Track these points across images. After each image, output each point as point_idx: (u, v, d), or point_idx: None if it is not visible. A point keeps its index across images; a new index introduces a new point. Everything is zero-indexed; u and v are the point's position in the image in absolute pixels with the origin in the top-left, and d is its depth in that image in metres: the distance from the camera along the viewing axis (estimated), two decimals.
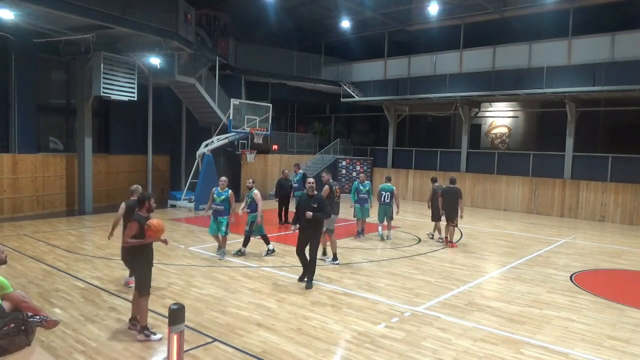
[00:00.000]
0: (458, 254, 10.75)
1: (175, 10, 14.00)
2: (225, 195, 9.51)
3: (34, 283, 7.59)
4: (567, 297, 7.74)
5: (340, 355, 5.40)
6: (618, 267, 10.29)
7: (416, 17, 21.54)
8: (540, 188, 18.82)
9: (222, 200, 9.49)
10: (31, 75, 14.36)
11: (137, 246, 5.61)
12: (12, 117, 13.94)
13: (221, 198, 9.51)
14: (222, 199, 9.49)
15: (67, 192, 15.47)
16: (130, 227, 5.60)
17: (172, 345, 3.75)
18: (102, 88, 13.81)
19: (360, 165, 23.66)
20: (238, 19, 21.64)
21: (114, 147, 17.52)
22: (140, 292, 5.63)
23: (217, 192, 9.60)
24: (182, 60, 16.92)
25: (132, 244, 5.61)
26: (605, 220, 17.26)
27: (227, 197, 9.50)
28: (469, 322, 6.45)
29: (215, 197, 9.59)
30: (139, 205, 5.83)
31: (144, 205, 5.76)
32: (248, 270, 8.79)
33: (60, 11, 11.27)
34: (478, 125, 23.59)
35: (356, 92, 23.19)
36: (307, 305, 6.92)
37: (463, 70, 20.56)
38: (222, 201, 9.48)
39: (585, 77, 17.08)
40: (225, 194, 9.51)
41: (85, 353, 5.14)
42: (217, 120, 18.01)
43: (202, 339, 5.61)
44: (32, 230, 12.02)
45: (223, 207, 9.49)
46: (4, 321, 4.09)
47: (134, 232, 5.56)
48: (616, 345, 5.84)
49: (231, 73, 20.49)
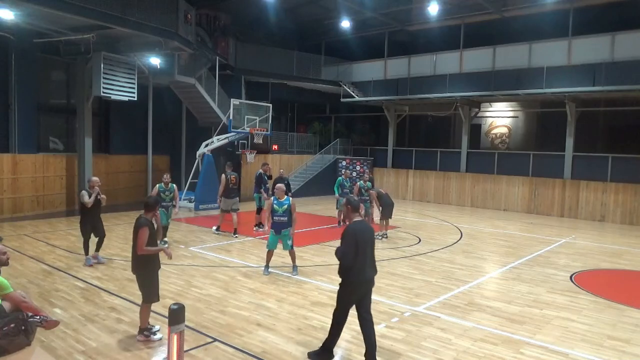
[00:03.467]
0: (458, 254, 10.75)
1: (175, 10, 14.01)
2: (287, 203, 8.54)
3: (34, 283, 7.59)
4: (567, 297, 7.74)
5: (340, 355, 5.40)
6: (618, 267, 10.29)
7: (416, 17, 21.54)
8: (540, 188, 18.82)
9: (284, 210, 8.49)
10: (31, 75, 14.36)
11: (138, 257, 5.42)
12: (12, 117, 13.95)
13: (283, 208, 8.51)
14: (285, 209, 8.50)
15: (67, 192, 15.47)
16: (142, 233, 5.31)
17: (172, 345, 3.75)
18: (102, 88, 13.81)
19: (361, 165, 23.68)
20: (238, 19, 21.63)
21: (114, 147, 17.52)
22: (149, 299, 5.52)
23: (276, 202, 8.58)
24: (182, 60, 16.94)
25: (150, 252, 5.40)
26: (605, 220, 17.26)
27: (290, 207, 8.53)
28: (469, 322, 6.45)
29: (277, 208, 8.52)
30: (147, 209, 5.55)
31: (153, 210, 5.58)
32: (248, 270, 8.79)
33: (60, 11, 11.27)
34: (478, 125, 23.59)
35: (356, 92, 23.19)
36: (307, 305, 6.92)
37: (463, 70, 20.56)
38: (284, 211, 8.49)
39: (585, 77, 17.08)
40: (286, 203, 8.53)
41: (85, 353, 5.14)
42: (217, 120, 18.02)
43: (202, 339, 5.61)
44: (32, 230, 12.02)
45: (286, 219, 8.49)
46: (4, 321, 4.09)
47: (147, 238, 5.34)
48: (616, 345, 5.84)
49: (231, 73, 20.49)
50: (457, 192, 21.02)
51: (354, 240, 4.90)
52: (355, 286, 5.04)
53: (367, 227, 5.20)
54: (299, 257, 9.94)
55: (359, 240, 4.92)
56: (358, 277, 4.97)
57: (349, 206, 5.22)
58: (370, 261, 5.07)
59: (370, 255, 5.08)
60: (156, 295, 5.63)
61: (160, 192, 10.25)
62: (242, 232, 12.24)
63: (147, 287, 5.57)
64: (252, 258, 9.77)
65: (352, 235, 4.94)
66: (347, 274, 4.97)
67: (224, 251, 10.37)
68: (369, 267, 5.05)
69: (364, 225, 5.15)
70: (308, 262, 9.62)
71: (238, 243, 11.24)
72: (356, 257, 4.89)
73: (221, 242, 11.28)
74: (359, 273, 4.95)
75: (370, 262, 5.07)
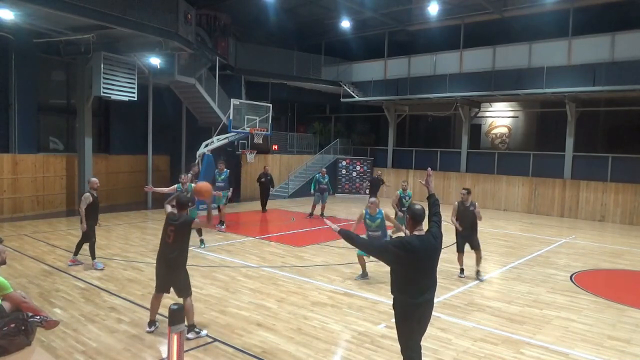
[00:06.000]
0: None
1: (175, 10, 14.00)
2: (379, 218, 7.90)
3: (34, 283, 7.59)
4: (567, 297, 7.74)
5: (340, 355, 5.40)
6: (618, 267, 10.29)
7: (416, 17, 21.53)
8: (540, 188, 18.82)
9: (377, 225, 7.89)
10: (31, 76, 14.36)
11: (185, 254, 5.63)
12: (12, 117, 13.94)
13: (376, 223, 7.91)
14: (377, 224, 7.90)
15: (67, 192, 15.46)
16: (199, 221, 6.63)
17: (172, 345, 3.74)
18: (102, 88, 13.80)
19: (361, 165, 23.68)
20: (238, 19, 21.63)
21: (114, 147, 17.52)
22: (187, 294, 5.64)
23: (368, 216, 7.91)
24: (182, 61, 16.93)
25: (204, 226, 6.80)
26: (605, 220, 17.25)
27: (383, 219, 7.90)
28: (469, 322, 6.45)
29: (370, 223, 7.90)
30: (181, 208, 5.73)
31: (187, 208, 5.84)
32: (248, 270, 8.78)
33: (60, 11, 11.26)
34: (478, 125, 23.59)
35: (356, 92, 23.19)
36: (307, 305, 6.92)
37: (463, 70, 20.56)
38: (377, 226, 7.89)
39: (585, 77, 17.08)
40: (379, 217, 7.88)
41: (85, 353, 5.14)
42: (217, 120, 18.01)
43: (202, 339, 5.61)
44: (32, 230, 12.02)
45: (379, 233, 7.92)
46: (4, 321, 4.09)
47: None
48: (616, 345, 5.84)
49: (231, 73, 20.49)
50: (457, 192, 20.81)
51: (413, 256, 3.96)
52: (411, 308, 4.05)
53: (429, 241, 4.07)
54: (299, 257, 9.97)
55: (419, 257, 3.99)
56: (415, 297, 4.03)
57: (409, 216, 4.22)
58: (428, 281, 4.13)
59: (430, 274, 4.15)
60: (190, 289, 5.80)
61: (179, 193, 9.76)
62: (242, 232, 12.24)
63: (189, 281, 5.73)
64: (252, 258, 9.77)
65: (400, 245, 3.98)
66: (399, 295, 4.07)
67: (224, 251, 10.36)
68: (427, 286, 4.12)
69: (425, 240, 4.06)
70: (308, 262, 9.62)
71: (238, 243, 11.25)
72: (412, 277, 4.04)
73: (221, 242, 11.28)
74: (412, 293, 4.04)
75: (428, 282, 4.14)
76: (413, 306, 4.03)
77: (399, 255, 3.96)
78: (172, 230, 5.51)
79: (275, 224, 14.76)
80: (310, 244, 11.31)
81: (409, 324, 4.08)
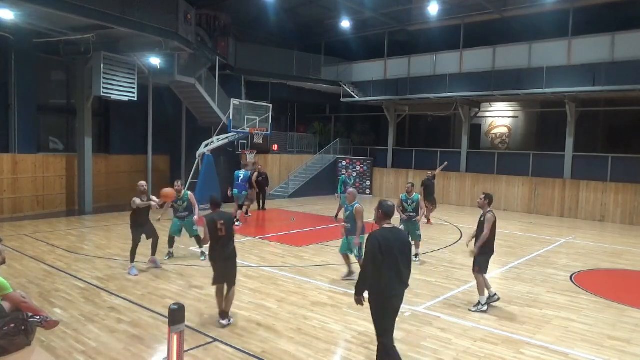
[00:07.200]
0: (458, 254, 10.74)
1: (175, 10, 14.00)
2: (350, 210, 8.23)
3: (34, 283, 7.59)
4: (567, 297, 7.74)
5: (340, 355, 5.40)
6: (618, 267, 10.29)
7: (416, 17, 21.53)
8: (540, 188, 18.81)
9: (346, 216, 8.30)
10: (31, 76, 14.35)
11: (234, 246, 6.36)
12: (12, 117, 13.94)
13: (346, 214, 8.33)
14: (347, 215, 8.30)
15: (67, 192, 15.46)
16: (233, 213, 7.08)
17: (172, 345, 3.74)
18: (102, 88, 13.80)
19: (361, 165, 23.68)
20: (238, 19, 21.63)
21: (114, 147, 17.51)
22: (235, 283, 6.27)
23: (346, 206, 8.42)
24: (182, 60, 16.91)
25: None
26: (605, 220, 17.25)
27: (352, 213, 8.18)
28: (469, 322, 6.45)
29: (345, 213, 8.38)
30: (216, 207, 6.41)
31: (220, 206, 6.49)
32: (248, 270, 8.78)
33: (60, 11, 11.25)
34: (478, 125, 23.59)
35: (356, 92, 23.19)
36: (307, 305, 6.92)
37: (463, 70, 20.56)
38: (347, 217, 8.29)
39: (585, 77, 17.07)
40: (350, 209, 8.22)
41: (85, 353, 5.14)
42: (217, 120, 18.01)
43: (202, 339, 5.61)
44: (32, 230, 12.02)
45: (349, 225, 8.21)
46: (4, 321, 4.09)
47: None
48: (616, 345, 5.84)
49: (231, 73, 20.48)
50: (457, 192, 21.01)
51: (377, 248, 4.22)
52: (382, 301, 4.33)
53: (398, 234, 4.42)
54: (299, 257, 9.97)
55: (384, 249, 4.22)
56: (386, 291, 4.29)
57: (380, 211, 4.48)
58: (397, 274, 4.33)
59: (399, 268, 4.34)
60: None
61: (173, 203, 9.25)
62: (241, 232, 12.24)
63: (233, 276, 6.28)
64: (252, 258, 9.77)
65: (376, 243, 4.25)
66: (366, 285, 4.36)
67: None
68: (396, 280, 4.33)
69: (394, 233, 4.39)
70: (308, 262, 9.62)
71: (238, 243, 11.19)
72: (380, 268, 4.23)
73: None
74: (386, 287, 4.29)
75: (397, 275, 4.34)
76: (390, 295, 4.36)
77: (379, 248, 4.23)
78: (223, 224, 6.13)
79: (275, 224, 14.77)
80: (310, 244, 11.31)
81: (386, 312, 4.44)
